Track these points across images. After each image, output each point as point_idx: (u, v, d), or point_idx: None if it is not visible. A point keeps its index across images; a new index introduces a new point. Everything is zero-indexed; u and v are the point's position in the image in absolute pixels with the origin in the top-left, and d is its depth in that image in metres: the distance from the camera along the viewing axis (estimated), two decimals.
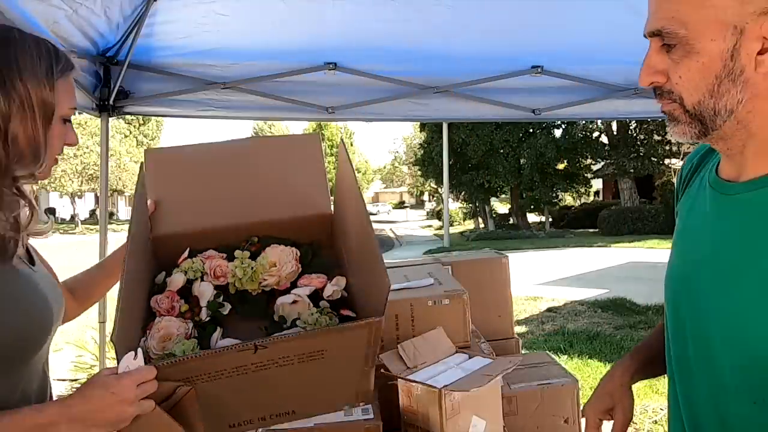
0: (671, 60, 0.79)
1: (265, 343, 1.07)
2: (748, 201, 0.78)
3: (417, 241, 23.34)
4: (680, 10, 0.76)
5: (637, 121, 18.37)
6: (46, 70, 0.99)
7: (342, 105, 2.87)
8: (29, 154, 0.98)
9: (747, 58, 0.72)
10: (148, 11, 2.31)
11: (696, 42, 0.75)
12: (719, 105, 0.76)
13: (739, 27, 0.72)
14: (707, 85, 0.76)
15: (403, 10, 2.38)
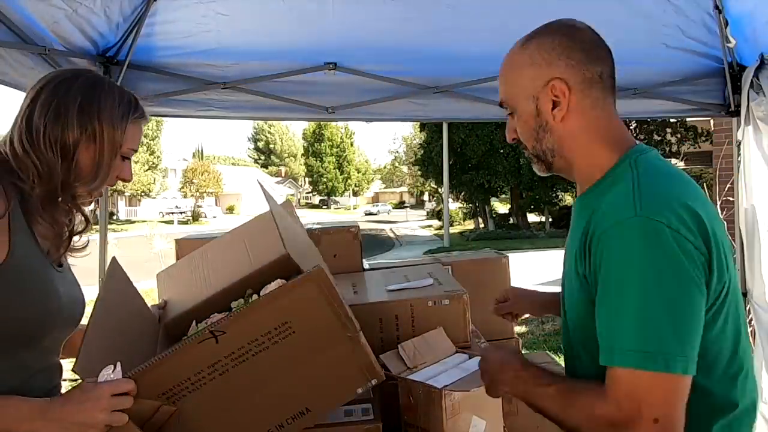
0: (513, 121, 1.13)
1: (221, 327, 1.09)
2: (576, 210, 1.11)
3: (417, 241, 23.34)
4: (506, 90, 1.12)
5: (637, 121, 18.37)
6: (122, 115, 1.20)
7: (342, 105, 2.87)
8: (89, 178, 1.17)
9: (546, 114, 1.06)
10: (148, 11, 2.31)
11: (517, 108, 1.10)
12: (544, 147, 1.09)
13: (535, 96, 1.06)
14: (532, 135, 1.09)
15: (403, 10, 2.39)
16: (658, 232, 0.87)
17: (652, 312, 0.86)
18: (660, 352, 0.85)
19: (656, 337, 0.86)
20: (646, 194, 0.92)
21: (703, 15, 2.44)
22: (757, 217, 2.48)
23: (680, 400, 0.87)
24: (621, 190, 0.96)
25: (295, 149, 69.69)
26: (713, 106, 2.84)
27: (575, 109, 1.04)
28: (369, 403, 1.54)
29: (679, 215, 0.89)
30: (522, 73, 1.07)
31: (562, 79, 1.03)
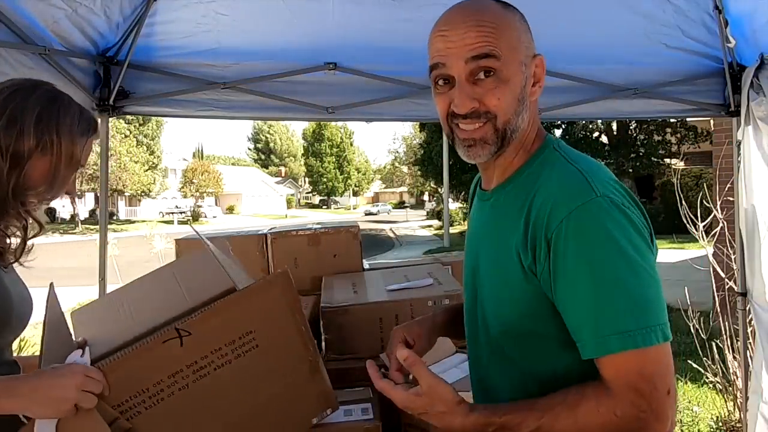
0: (483, 88, 0.93)
1: (186, 325, 1.05)
2: (492, 202, 1.03)
3: (417, 241, 23.33)
4: (498, 45, 0.93)
5: (637, 121, 18.36)
6: (82, 132, 1.21)
7: (342, 105, 2.87)
8: (43, 188, 1.17)
9: (528, 89, 0.97)
10: (148, 11, 2.31)
11: (507, 72, 0.94)
12: (517, 124, 0.97)
13: (526, 65, 0.96)
14: (513, 107, 0.95)
15: (403, 9, 2.38)
16: (621, 209, 0.88)
17: (641, 289, 0.86)
18: (657, 324, 0.85)
19: (651, 310, 0.86)
20: (595, 176, 0.91)
21: (703, 15, 2.44)
22: (757, 217, 2.48)
23: (669, 364, 0.88)
24: (565, 173, 0.92)
25: (295, 149, 69.70)
26: (713, 106, 2.84)
27: (538, 91, 1.00)
28: (369, 403, 1.54)
29: (621, 193, 0.91)
30: (519, 36, 0.97)
31: (542, 58, 0.99)
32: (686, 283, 4.70)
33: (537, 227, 0.90)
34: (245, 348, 1.09)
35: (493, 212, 1.02)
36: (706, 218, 3.84)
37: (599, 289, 0.86)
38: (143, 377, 1.03)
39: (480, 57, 0.92)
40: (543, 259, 0.89)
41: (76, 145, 1.20)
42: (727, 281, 3.46)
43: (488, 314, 1.01)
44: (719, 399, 3.81)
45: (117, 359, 1.01)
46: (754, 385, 2.54)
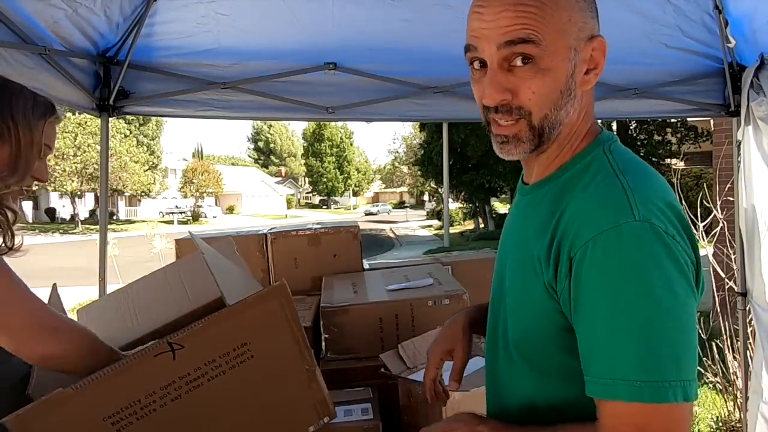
0: (519, 77, 0.81)
1: (179, 338, 1.03)
2: (528, 200, 0.92)
3: (417, 241, 23.34)
4: (540, 28, 0.79)
5: (637, 121, 18.36)
6: (39, 116, 1.21)
7: (342, 105, 2.87)
8: (6, 174, 1.16)
9: (579, 77, 0.83)
10: (148, 11, 2.31)
11: (550, 60, 0.80)
12: (558, 118, 0.83)
13: (577, 50, 0.82)
14: (554, 100, 0.82)
15: (403, 10, 2.38)
16: (662, 239, 0.74)
17: (667, 335, 0.73)
18: (679, 380, 0.72)
19: (674, 363, 0.72)
20: (640, 194, 0.77)
21: (703, 15, 2.44)
22: (757, 217, 2.48)
23: (689, 428, 0.77)
24: (606, 185, 0.80)
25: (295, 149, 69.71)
26: (713, 106, 2.84)
27: (592, 89, 0.87)
28: (369, 403, 1.54)
29: (669, 219, 0.77)
30: (571, 16, 0.81)
31: (603, 40, 0.85)
32: None
33: (563, 242, 0.79)
34: (240, 359, 1.08)
35: (527, 211, 0.92)
36: (706, 218, 3.84)
37: (616, 329, 0.74)
38: (135, 389, 1.02)
39: (515, 42, 0.79)
40: (564, 279, 0.79)
41: (35, 128, 1.20)
42: (727, 281, 3.46)
43: (509, 317, 0.92)
44: (719, 399, 3.81)
45: (107, 373, 1.00)
46: (754, 385, 2.54)
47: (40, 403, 0.96)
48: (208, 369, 1.06)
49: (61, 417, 0.98)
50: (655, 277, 0.73)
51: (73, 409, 0.98)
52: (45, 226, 31.33)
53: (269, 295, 1.10)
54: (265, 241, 2.49)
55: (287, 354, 1.14)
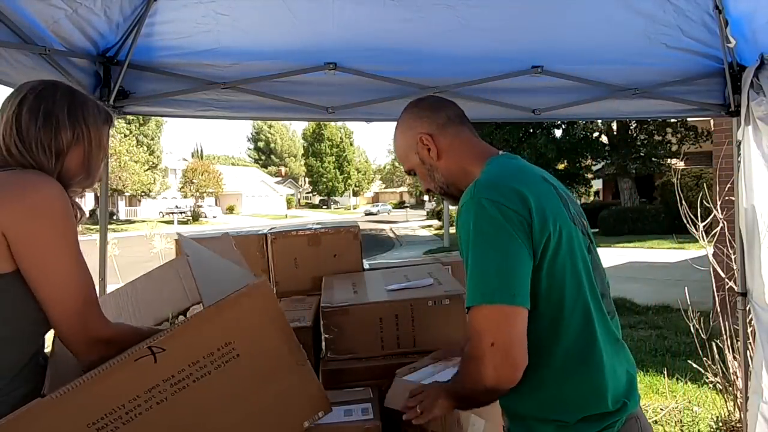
0: (418, 178, 1.48)
1: (159, 342, 1.02)
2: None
3: (417, 241, 23.32)
4: (400, 159, 1.49)
5: (637, 121, 18.34)
6: (104, 120, 1.32)
7: (342, 105, 2.87)
8: (82, 176, 1.28)
9: (427, 158, 1.42)
10: (148, 11, 2.31)
11: (412, 167, 1.47)
12: (440, 183, 1.44)
13: (415, 151, 1.44)
14: (428, 178, 1.45)
15: (404, 10, 2.38)
16: (483, 205, 1.17)
17: (482, 263, 1.15)
18: (489, 290, 1.12)
19: (486, 280, 1.13)
20: (480, 183, 1.23)
21: (703, 15, 2.44)
22: (757, 217, 2.48)
23: (511, 325, 1.12)
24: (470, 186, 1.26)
25: (295, 149, 69.66)
26: (713, 106, 2.84)
27: (443, 146, 1.40)
28: (369, 403, 1.54)
29: (502, 192, 1.19)
30: (403, 143, 1.46)
31: (424, 133, 1.41)
32: (686, 283, 4.70)
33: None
34: (225, 359, 1.07)
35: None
36: (706, 218, 3.83)
37: (465, 265, 1.19)
38: (118, 394, 1.01)
39: (407, 173, 1.52)
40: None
41: (102, 132, 1.31)
42: (727, 281, 3.46)
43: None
44: (719, 399, 3.80)
45: (87, 380, 0.99)
46: (754, 385, 2.54)
47: (20, 413, 0.95)
48: (193, 370, 1.05)
49: (43, 426, 0.96)
50: (477, 230, 1.17)
51: (54, 418, 0.97)
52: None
53: (248, 293, 1.09)
54: (265, 241, 2.49)
55: (274, 351, 1.13)
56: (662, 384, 4.40)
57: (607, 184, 26.66)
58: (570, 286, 1.20)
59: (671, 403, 4.07)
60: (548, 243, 1.18)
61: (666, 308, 7.19)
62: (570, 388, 1.20)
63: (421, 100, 1.49)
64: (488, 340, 1.11)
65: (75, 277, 1.16)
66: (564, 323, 1.20)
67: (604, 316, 1.25)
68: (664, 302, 7.33)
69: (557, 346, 1.20)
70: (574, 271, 1.21)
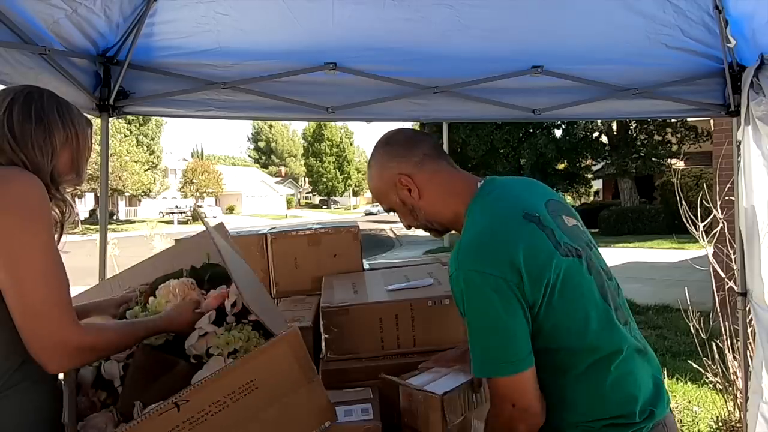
0: (398, 216, 1.49)
1: (185, 396, 1.03)
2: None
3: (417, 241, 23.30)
4: (379, 199, 1.49)
5: (637, 121, 18.34)
6: (86, 121, 1.35)
7: (342, 105, 2.86)
8: (72, 177, 1.30)
9: (407, 198, 1.41)
10: (148, 11, 2.31)
11: (392, 206, 1.46)
12: (423, 221, 1.45)
13: (394, 192, 1.42)
14: (410, 216, 1.45)
15: (403, 10, 2.38)
16: (472, 279, 1.19)
17: (481, 339, 1.21)
18: (494, 366, 1.20)
19: (488, 356, 1.20)
20: (464, 249, 1.25)
21: (703, 15, 2.44)
22: (757, 217, 2.48)
23: (523, 389, 1.19)
24: (456, 245, 1.29)
25: (295, 149, 69.65)
26: (713, 106, 2.84)
27: (422, 185, 1.40)
28: (369, 403, 1.54)
29: (488, 260, 1.20)
30: (381, 184, 1.45)
31: (401, 173, 1.40)
32: (686, 283, 4.70)
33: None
34: (244, 393, 1.09)
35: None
36: (706, 218, 3.83)
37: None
38: None
39: (387, 211, 1.50)
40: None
41: (87, 134, 1.33)
42: (727, 281, 3.46)
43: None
44: (719, 399, 3.80)
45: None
46: (754, 385, 2.54)
47: None
48: (213, 408, 1.07)
49: None
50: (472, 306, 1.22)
51: None
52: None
53: (281, 341, 1.11)
54: (265, 241, 2.49)
55: (291, 378, 1.15)
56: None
57: (607, 184, 26.66)
58: (577, 318, 1.23)
59: (671, 403, 4.07)
60: (545, 292, 1.20)
61: (666, 308, 7.19)
62: (594, 399, 1.25)
63: (391, 138, 1.46)
64: (508, 404, 1.19)
65: (42, 276, 1.08)
66: (579, 350, 1.24)
67: (618, 329, 1.27)
68: (664, 302, 7.33)
69: (575, 369, 1.24)
70: (578, 302, 1.24)
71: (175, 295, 1.37)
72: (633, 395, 1.24)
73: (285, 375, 1.14)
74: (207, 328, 1.26)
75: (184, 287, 1.40)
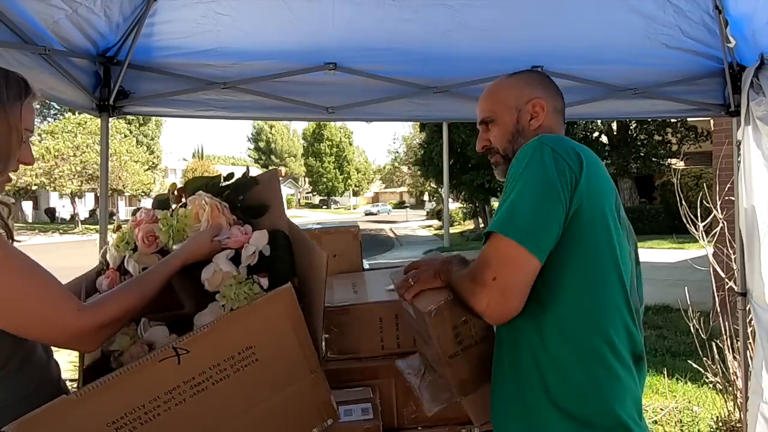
0: (489, 131, 1.43)
1: (184, 343, 1.02)
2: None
3: (417, 241, 23.32)
4: (491, 108, 1.42)
5: (637, 121, 18.34)
6: (14, 99, 1.12)
7: (342, 105, 2.87)
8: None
9: (525, 122, 1.38)
10: (148, 11, 2.31)
11: (498, 118, 1.41)
12: (514, 147, 1.35)
13: (518, 108, 1.39)
14: (502, 138, 1.40)
15: (403, 10, 2.38)
16: (544, 151, 1.16)
17: (522, 201, 1.13)
18: (516, 226, 1.10)
19: (518, 217, 1.12)
20: (546, 136, 1.21)
21: (703, 15, 2.44)
22: (757, 217, 2.48)
23: (519, 268, 1.10)
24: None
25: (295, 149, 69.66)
26: (713, 106, 2.84)
27: (544, 123, 1.38)
28: (369, 403, 1.54)
29: (565, 148, 1.17)
30: (508, 97, 1.40)
31: (542, 99, 1.38)
32: (686, 283, 4.70)
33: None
34: (244, 363, 1.08)
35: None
36: (706, 218, 3.84)
37: (503, 194, 1.20)
38: (139, 395, 1.01)
39: (480, 120, 1.45)
40: None
41: (9, 112, 1.11)
42: (727, 281, 3.46)
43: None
44: (719, 399, 3.81)
45: (111, 379, 0.98)
46: (754, 385, 2.54)
47: (42, 410, 0.94)
48: (213, 373, 1.05)
49: (65, 424, 0.96)
50: (527, 169, 1.15)
51: (76, 416, 0.97)
52: (45, 226, 31.31)
53: (275, 298, 1.09)
54: None
55: (291, 357, 1.13)
56: (662, 384, 4.40)
57: None
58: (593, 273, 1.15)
59: (671, 403, 4.07)
60: (583, 207, 1.14)
61: (666, 308, 7.19)
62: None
63: (539, 74, 1.49)
64: (492, 273, 1.10)
65: (24, 297, 1.00)
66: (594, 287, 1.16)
67: (637, 327, 1.20)
68: (664, 302, 7.33)
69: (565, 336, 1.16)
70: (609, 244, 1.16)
71: (202, 213, 1.30)
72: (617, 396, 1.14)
73: (283, 347, 1.12)
74: (223, 266, 1.22)
75: (215, 210, 1.30)
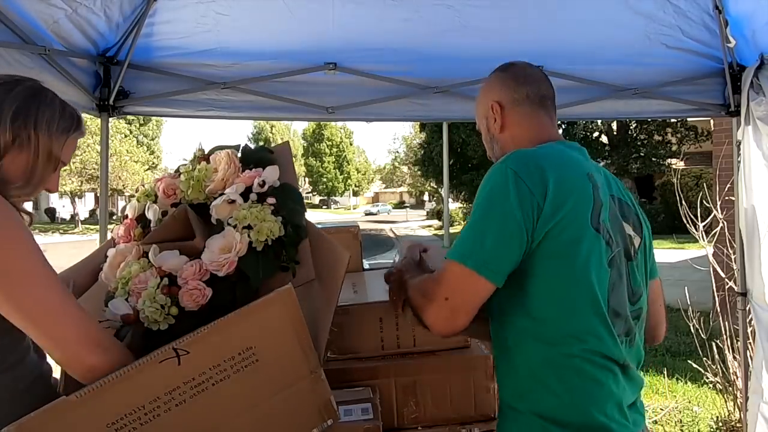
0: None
1: (184, 344, 1.02)
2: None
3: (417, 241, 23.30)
4: (476, 118, 1.46)
5: (637, 121, 18.35)
6: (63, 129, 1.19)
7: (342, 105, 2.87)
8: (21, 183, 1.14)
9: (491, 127, 1.40)
10: (148, 11, 2.31)
11: (480, 128, 1.45)
12: (495, 154, 1.40)
13: (486, 116, 1.41)
14: (488, 146, 1.44)
15: (403, 10, 2.38)
16: (506, 174, 1.16)
17: (479, 229, 1.16)
18: (471, 254, 1.14)
19: (474, 246, 1.15)
20: (513, 155, 1.21)
21: (703, 15, 2.44)
22: (757, 217, 2.48)
23: (470, 292, 1.14)
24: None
25: (295, 149, 69.63)
26: (713, 106, 2.84)
27: (507, 122, 1.37)
28: (369, 403, 1.54)
29: (528, 170, 1.16)
30: (479, 104, 1.45)
31: (497, 101, 1.37)
32: (686, 283, 4.70)
33: None
34: (245, 363, 1.07)
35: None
36: (706, 218, 3.84)
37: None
38: (139, 395, 1.01)
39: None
40: None
41: (54, 141, 1.17)
42: (727, 281, 3.46)
43: None
44: (719, 399, 3.81)
45: (111, 380, 0.98)
46: (754, 385, 2.54)
47: (42, 411, 0.94)
48: (213, 373, 1.05)
49: (64, 425, 0.96)
50: (485, 195, 1.19)
51: (76, 417, 0.97)
52: (45, 226, 31.31)
53: (275, 299, 1.09)
54: None
55: (292, 357, 1.13)
56: (662, 384, 4.40)
57: None
58: (563, 287, 1.14)
59: (671, 403, 4.08)
60: (551, 233, 1.13)
61: (666, 308, 7.18)
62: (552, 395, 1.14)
63: (513, 65, 1.41)
64: (444, 293, 1.16)
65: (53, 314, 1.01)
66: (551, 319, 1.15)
67: (612, 336, 1.16)
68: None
69: (539, 340, 1.16)
70: (574, 275, 1.14)
71: (219, 165, 1.38)
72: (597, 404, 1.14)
73: (284, 347, 1.12)
74: (234, 197, 1.28)
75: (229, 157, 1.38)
